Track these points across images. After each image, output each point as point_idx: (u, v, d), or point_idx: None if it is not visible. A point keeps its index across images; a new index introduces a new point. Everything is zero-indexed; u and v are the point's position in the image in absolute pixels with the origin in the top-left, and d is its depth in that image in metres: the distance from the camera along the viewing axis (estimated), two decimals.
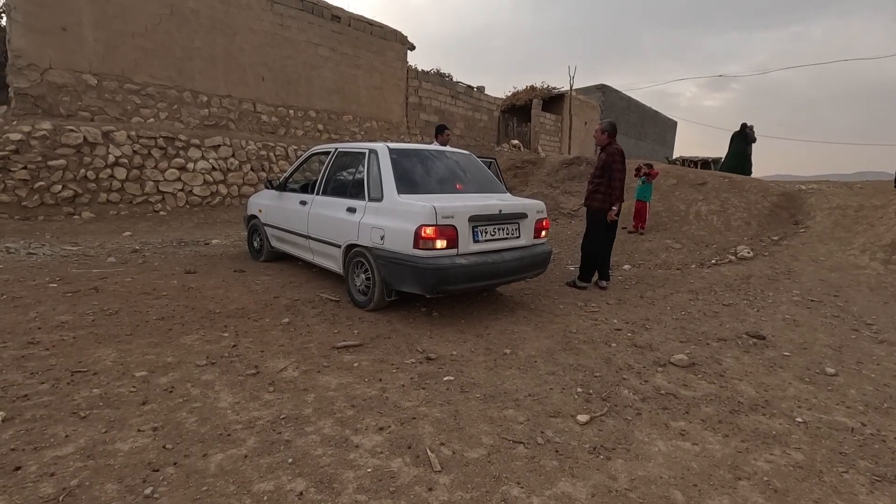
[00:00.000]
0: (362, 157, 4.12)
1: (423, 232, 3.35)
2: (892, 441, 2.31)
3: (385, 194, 3.72)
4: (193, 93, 8.79)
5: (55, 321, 3.21)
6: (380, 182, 3.81)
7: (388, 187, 3.72)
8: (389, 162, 3.86)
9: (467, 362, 3.00)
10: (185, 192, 8.18)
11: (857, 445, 2.27)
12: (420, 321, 3.72)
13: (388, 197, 3.68)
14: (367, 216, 3.78)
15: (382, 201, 3.71)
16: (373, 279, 3.75)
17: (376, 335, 3.36)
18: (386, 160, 3.88)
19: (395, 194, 3.67)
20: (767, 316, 4.36)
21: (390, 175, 3.78)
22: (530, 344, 3.39)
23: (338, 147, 4.57)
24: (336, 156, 4.50)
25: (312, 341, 3.17)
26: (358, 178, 4.08)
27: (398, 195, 3.66)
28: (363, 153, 4.13)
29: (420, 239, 3.35)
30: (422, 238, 3.35)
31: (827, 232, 7.18)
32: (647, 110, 31.14)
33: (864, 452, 2.21)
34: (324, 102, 10.98)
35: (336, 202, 4.20)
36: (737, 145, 11.24)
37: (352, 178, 4.18)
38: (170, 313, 3.53)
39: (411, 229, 3.38)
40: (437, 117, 14.20)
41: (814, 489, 1.93)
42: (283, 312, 3.72)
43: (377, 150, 3.99)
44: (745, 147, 11.15)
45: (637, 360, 3.20)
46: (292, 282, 4.69)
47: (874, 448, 2.25)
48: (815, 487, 1.94)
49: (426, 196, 3.73)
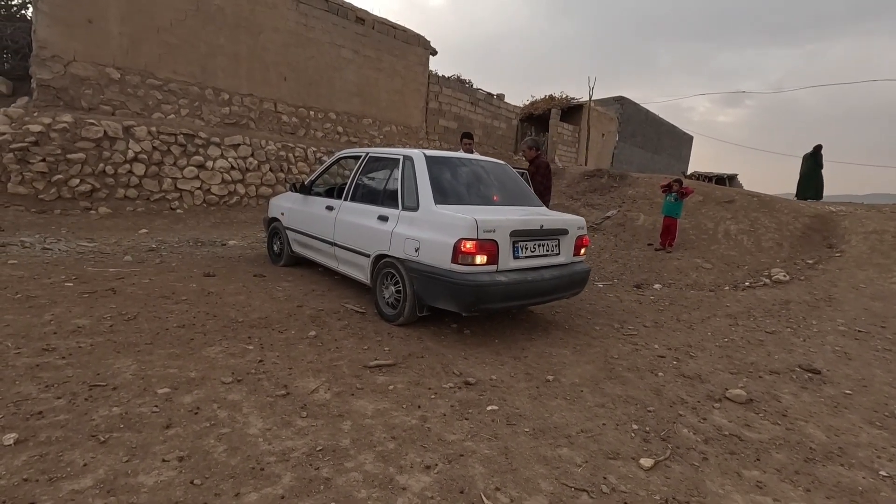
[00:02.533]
0: (396, 164, 3.93)
1: (462, 246, 3.14)
2: None
3: (421, 204, 3.52)
4: (215, 90, 8.69)
5: (71, 325, 3.03)
6: (415, 190, 3.62)
7: (425, 196, 3.53)
8: (426, 169, 3.67)
9: (509, 389, 2.79)
10: (203, 190, 8.05)
11: None
12: (452, 339, 3.51)
13: (425, 207, 3.49)
14: (400, 226, 3.59)
15: (418, 211, 3.52)
16: (404, 293, 3.54)
17: (408, 354, 3.15)
18: (422, 167, 3.69)
19: (431, 204, 3.47)
20: (815, 347, 4.11)
21: (427, 183, 3.59)
22: (572, 370, 3.16)
23: (369, 151, 4.39)
24: (367, 161, 4.32)
25: (342, 358, 2.97)
26: (391, 185, 3.89)
27: (435, 205, 3.46)
28: (397, 159, 3.95)
29: (459, 253, 3.15)
30: (461, 252, 3.15)
31: (864, 257, 6.90)
32: (664, 124, 30.86)
33: None
34: (344, 105, 10.85)
35: (366, 209, 4.01)
36: (809, 167, 11.11)
37: (384, 184, 3.99)
38: (190, 321, 3.35)
39: (450, 242, 3.18)
40: (457, 124, 14.05)
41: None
42: (308, 324, 3.52)
43: (412, 157, 3.80)
44: (817, 169, 11.03)
45: (689, 394, 2.97)
46: (314, 290, 4.50)
47: None
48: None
49: (464, 207, 3.53)
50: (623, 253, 7.66)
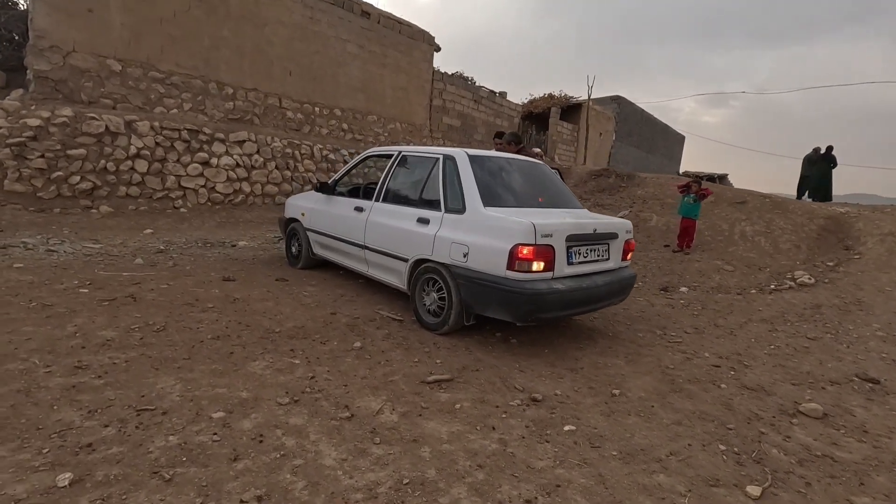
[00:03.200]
0: (434, 163, 3.73)
1: (519, 252, 2.96)
2: None
3: (467, 206, 3.33)
4: (219, 84, 8.37)
5: (99, 338, 2.78)
6: (460, 192, 3.42)
7: (472, 198, 3.34)
8: (470, 169, 3.48)
9: (577, 405, 2.61)
10: (208, 188, 7.74)
11: None
12: (501, 350, 3.32)
13: (472, 209, 3.29)
14: (444, 229, 3.39)
15: (464, 214, 3.32)
16: (449, 300, 3.35)
17: (462, 366, 2.96)
18: (466, 167, 3.50)
19: (479, 206, 3.28)
20: (862, 354, 4.01)
21: (473, 185, 3.39)
22: (633, 382, 3.00)
23: (401, 150, 4.17)
24: (399, 160, 4.11)
25: (396, 373, 2.76)
26: (430, 186, 3.69)
27: (484, 208, 3.27)
28: (435, 158, 3.75)
29: (516, 259, 2.96)
30: (518, 259, 2.96)
31: (884, 260, 6.87)
32: (658, 123, 30.98)
33: None
34: (349, 101, 10.57)
35: (402, 211, 3.80)
36: (821, 169, 11.22)
37: (421, 185, 3.78)
38: (223, 331, 3.11)
39: (505, 248, 2.99)
40: (460, 121, 13.84)
41: None
42: (347, 334, 3.31)
43: (454, 156, 3.61)
44: (829, 170, 11.14)
45: (760, 408, 2.83)
46: (343, 295, 4.28)
47: None
48: None
49: (514, 210, 3.35)
50: (641, 255, 7.54)
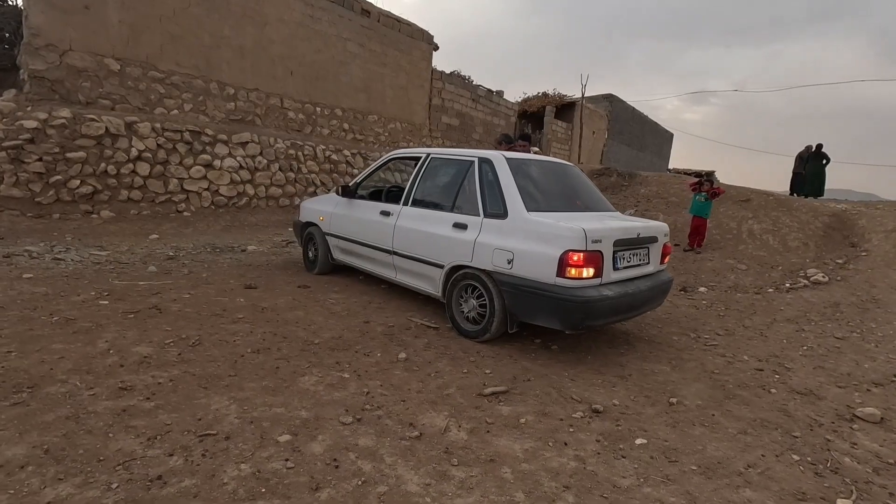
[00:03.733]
0: (469, 166, 3.63)
1: (570, 258, 2.88)
2: None
3: (510, 211, 3.23)
4: (220, 84, 8.15)
5: (135, 355, 2.64)
6: (500, 196, 3.32)
7: (514, 203, 3.24)
8: (510, 173, 3.39)
9: (639, 416, 2.54)
10: (211, 191, 7.54)
11: None
12: (545, 357, 3.24)
13: (515, 214, 3.20)
14: (485, 235, 3.29)
15: (507, 219, 3.23)
16: (490, 307, 3.26)
17: (512, 376, 2.87)
18: (505, 171, 3.40)
19: (523, 211, 3.19)
20: (893, 353, 4.01)
21: (514, 189, 3.30)
22: (686, 389, 2.94)
23: (430, 152, 4.07)
24: (428, 163, 4.00)
25: (449, 385, 2.66)
26: (467, 190, 3.59)
27: (527, 212, 3.18)
28: (469, 161, 3.65)
29: (566, 266, 2.88)
30: (568, 265, 2.88)
31: (891, 257, 6.95)
32: (648, 122, 31.24)
33: None
34: (350, 101, 10.41)
35: (435, 216, 3.69)
36: (815, 167, 11.40)
37: (456, 188, 3.68)
38: (262, 344, 2.98)
39: (555, 255, 2.91)
40: (459, 121, 13.75)
41: None
42: (388, 344, 3.20)
43: (492, 159, 3.51)
44: (822, 167, 11.34)
45: (817, 413, 2.79)
46: (370, 302, 4.16)
47: None
48: None
49: (558, 214, 3.27)
50: None
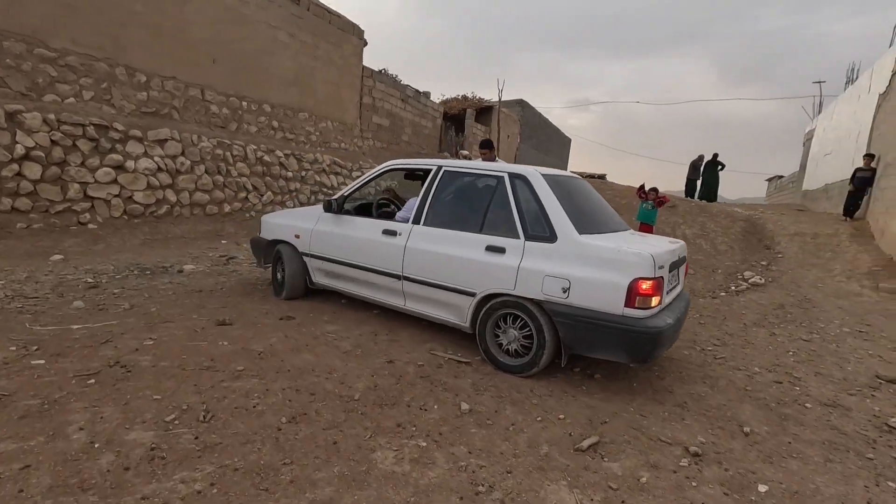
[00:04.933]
0: (497, 183, 3.29)
1: (640, 287, 2.68)
2: None
3: (559, 233, 2.96)
4: (129, 69, 6.82)
5: (135, 447, 1.92)
6: (543, 217, 3.04)
7: (562, 225, 2.97)
8: (551, 191, 3.12)
9: (732, 453, 2.42)
10: (123, 198, 6.27)
11: None
12: (596, 388, 3.03)
13: (567, 237, 2.93)
14: (530, 260, 2.98)
15: (556, 242, 2.95)
16: (538, 340, 2.96)
17: (587, 419, 2.61)
18: (545, 189, 3.13)
19: (574, 234, 2.94)
20: (851, 352, 4.43)
21: (559, 209, 3.04)
22: (742, 413, 2.90)
23: (442, 165, 3.65)
24: (442, 177, 3.58)
25: (537, 441, 2.32)
26: (498, 209, 3.24)
27: (580, 235, 2.94)
28: (497, 177, 3.31)
29: (636, 295, 2.68)
30: (638, 294, 2.68)
31: (801, 258, 7.90)
32: (551, 126, 33.05)
33: None
34: (280, 95, 9.41)
35: (460, 237, 3.30)
36: (711, 174, 12.47)
37: (484, 207, 3.32)
38: (291, 407, 2.38)
39: (623, 283, 2.69)
40: (389, 121, 13.20)
41: None
42: (435, 391, 2.75)
43: (527, 175, 3.21)
44: (717, 174, 12.45)
45: (860, 427, 2.90)
46: (375, 332, 3.64)
47: None
48: None
49: (604, 236, 3.07)
50: None
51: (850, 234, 8.33)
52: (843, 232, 8.46)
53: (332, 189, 9.78)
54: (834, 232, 8.52)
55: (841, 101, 12.84)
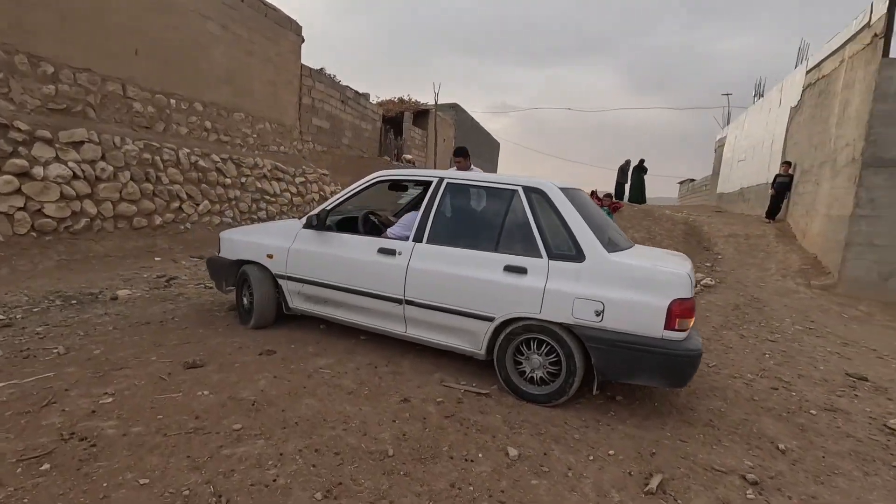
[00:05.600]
0: (510, 197, 3.05)
1: (678, 307, 2.56)
2: None
3: (587, 252, 2.77)
4: (33, 59, 5.74)
5: None
6: (567, 234, 2.84)
7: (589, 242, 2.80)
8: (573, 206, 2.93)
9: (785, 477, 2.36)
10: (30, 211, 5.27)
11: None
12: (625, 414, 2.88)
13: (595, 256, 2.75)
14: (557, 281, 2.76)
15: (585, 262, 2.76)
16: (568, 367, 2.76)
17: (636, 453, 2.44)
18: (566, 204, 2.94)
19: (604, 252, 2.77)
20: (813, 349, 4.73)
21: (584, 225, 2.86)
22: (767, 428, 2.89)
23: (443, 177, 3.34)
24: (445, 190, 3.27)
25: (602, 485, 2.11)
26: (513, 226, 3.00)
27: (609, 253, 2.78)
28: (510, 190, 3.07)
29: (676, 317, 2.56)
30: (678, 316, 2.57)
31: (738, 259, 8.48)
32: (483, 131, 33.58)
33: None
34: (213, 93, 8.51)
35: (473, 256, 3.02)
36: (637, 178, 13.05)
37: (498, 223, 3.06)
38: (318, 476, 1.97)
39: (662, 305, 2.56)
40: (329, 123, 12.53)
41: None
42: (472, 435, 2.45)
43: (543, 189, 3.00)
44: (643, 179, 13.05)
45: (869, 434, 3.00)
46: (373, 364, 3.25)
47: None
48: None
49: (628, 253, 2.94)
50: None
51: (776, 235, 9.10)
52: (770, 233, 9.23)
53: (275, 196, 9.04)
54: (762, 233, 9.27)
55: (752, 111, 14.13)
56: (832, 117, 8.03)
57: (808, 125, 9.15)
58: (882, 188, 6.70)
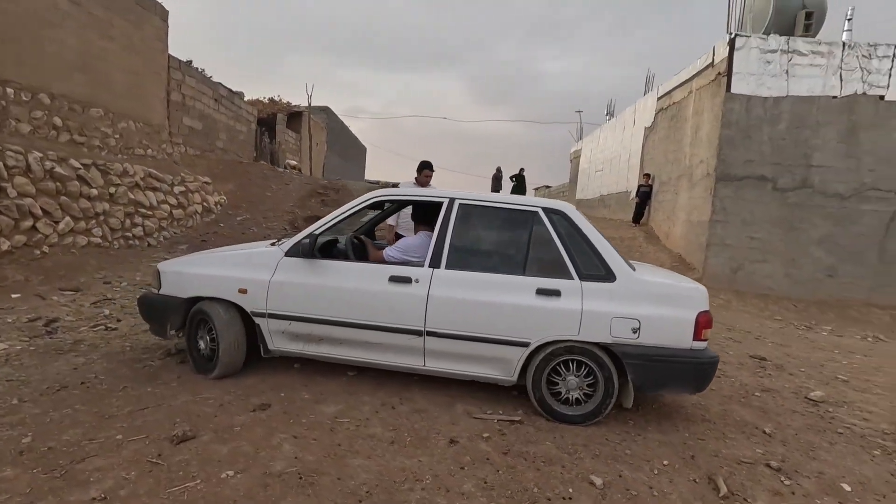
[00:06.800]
0: (530, 218, 3.05)
1: (703, 319, 2.84)
2: None
3: (616, 272, 2.91)
4: None
5: None
6: (594, 254, 2.95)
7: (616, 262, 2.94)
8: (593, 227, 3.05)
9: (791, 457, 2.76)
10: None
11: None
12: (638, 420, 3.04)
13: (625, 275, 2.90)
14: (593, 302, 2.84)
15: (616, 281, 2.88)
16: (606, 386, 2.85)
17: (680, 459, 2.62)
18: (587, 224, 3.06)
19: (630, 271, 2.94)
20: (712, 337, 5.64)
21: (608, 245, 3.01)
22: (744, 415, 3.35)
23: (455, 198, 3.18)
24: (459, 212, 3.11)
25: (686, 498, 2.22)
26: (540, 248, 3.00)
27: (633, 272, 2.95)
28: (530, 211, 3.07)
29: (702, 328, 2.84)
30: (703, 327, 2.85)
31: None
32: (351, 134, 32.89)
33: None
34: (64, 83, 6.84)
35: (502, 281, 2.95)
36: (518, 187, 13.96)
37: (523, 245, 3.03)
38: None
39: (690, 318, 2.81)
40: (202, 123, 11.03)
41: None
42: (543, 470, 2.37)
43: (564, 211, 3.06)
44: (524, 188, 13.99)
45: (805, 408, 3.66)
46: (393, 406, 2.96)
47: None
48: None
49: (640, 271, 3.14)
50: None
51: (644, 237, 10.60)
52: (640, 235, 10.71)
53: (152, 209, 7.63)
54: (633, 236, 10.71)
55: (606, 128, 16.25)
56: (686, 138, 9.65)
57: (664, 143, 10.85)
58: (730, 198, 8.26)
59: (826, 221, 8.12)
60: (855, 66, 7.95)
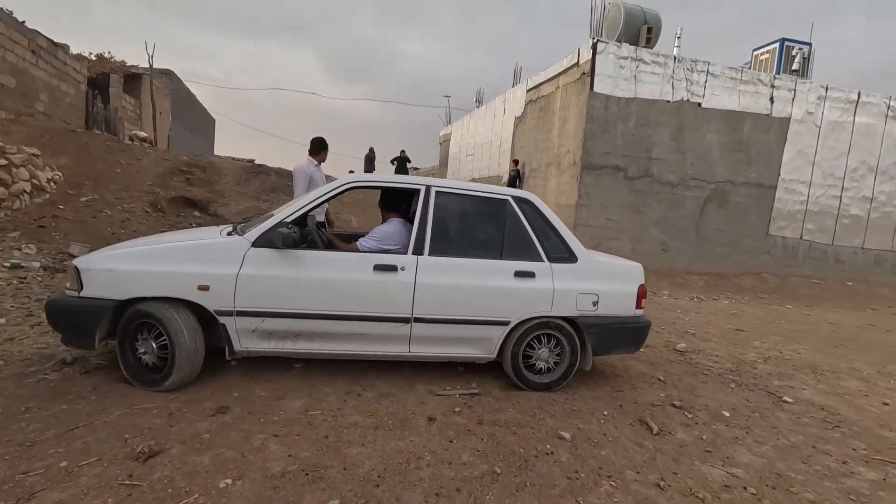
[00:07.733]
0: (502, 206, 3.29)
1: (642, 290, 3.43)
2: None
3: (578, 253, 3.33)
4: None
5: None
6: (559, 239, 3.34)
7: (576, 246, 3.37)
8: (554, 214, 3.42)
9: (814, 400, 3.47)
10: None
11: None
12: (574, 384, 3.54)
13: (584, 257, 3.34)
14: (562, 281, 3.22)
15: (577, 262, 3.31)
16: (567, 353, 3.28)
17: (621, 409, 3.12)
18: (550, 212, 3.41)
19: (586, 253, 3.39)
20: None
21: (568, 231, 3.41)
22: (759, 375, 4.07)
23: (430, 185, 3.24)
24: (436, 200, 3.18)
25: (633, 437, 2.69)
26: (511, 233, 3.26)
27: (589, 253, 3.40)
28: (500, 200, 3.30)
29: (641, 298, 3.43)
30: (642, 297, 3.43)
31: None
32: (198, 104, 29.29)
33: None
34: None
35: (486, 266, 3.17)
36: (401, 168, 13.92)
37: (499, 231, 3.26)
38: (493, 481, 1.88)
39: (633, 290, 3.39)
40: (16, 80, 8.86)
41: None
42: (520, 434, 2.64)
43: (531, 200, 3.37)
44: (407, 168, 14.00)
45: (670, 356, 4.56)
46: (358, 394, 2.98)
47: None
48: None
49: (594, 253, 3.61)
50: None
51: None
52: None
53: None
54: None
55: (476, 115, 17.12)
56: (554, 129, 10.74)
57: (533, 133, 11.91)
58: (592, 185, 9.50)
59: (661, 205, 9.85)
60: (682, 77, 9.68)
